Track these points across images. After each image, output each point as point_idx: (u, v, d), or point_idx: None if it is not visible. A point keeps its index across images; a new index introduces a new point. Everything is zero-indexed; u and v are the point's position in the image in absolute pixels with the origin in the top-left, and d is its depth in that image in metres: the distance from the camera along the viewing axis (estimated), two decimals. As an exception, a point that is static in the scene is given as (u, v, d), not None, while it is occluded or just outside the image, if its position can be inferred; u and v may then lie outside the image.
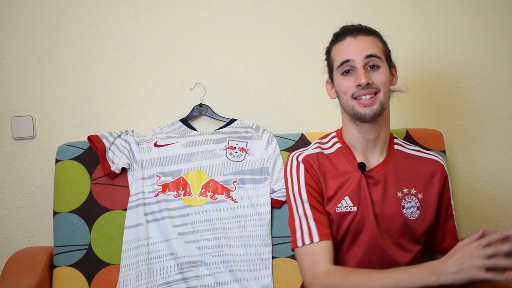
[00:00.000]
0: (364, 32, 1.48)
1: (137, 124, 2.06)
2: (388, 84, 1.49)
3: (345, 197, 1.48)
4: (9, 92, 2.03)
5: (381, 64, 1.47)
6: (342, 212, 1.47)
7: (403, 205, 1.49)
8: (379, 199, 1.48)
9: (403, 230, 1.48)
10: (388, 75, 1.49)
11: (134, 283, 1.76)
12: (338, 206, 1.48)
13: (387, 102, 1.49)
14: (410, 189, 1.50)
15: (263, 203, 1.83)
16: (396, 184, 1.50)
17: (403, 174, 1.52)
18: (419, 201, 1.50)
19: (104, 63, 2.04)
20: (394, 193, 1.49)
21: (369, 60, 1.46)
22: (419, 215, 1.50)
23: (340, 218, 1.47)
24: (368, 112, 1.45)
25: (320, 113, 2.07)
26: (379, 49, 1.47)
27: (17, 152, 2.04)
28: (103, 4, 2.02)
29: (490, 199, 2.10)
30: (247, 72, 2.06)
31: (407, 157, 1.55)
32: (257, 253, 1.80)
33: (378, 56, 1.46)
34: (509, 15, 2.05)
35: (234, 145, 1.90)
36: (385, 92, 1.47)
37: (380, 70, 1.46)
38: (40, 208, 2.05)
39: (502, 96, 2.08)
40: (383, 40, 1.52)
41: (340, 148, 1.55)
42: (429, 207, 1.51)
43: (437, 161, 1.56)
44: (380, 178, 1.50)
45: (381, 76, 1.46)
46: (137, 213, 1.82)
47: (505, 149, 2.09)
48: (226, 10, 2.04)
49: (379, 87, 1.46)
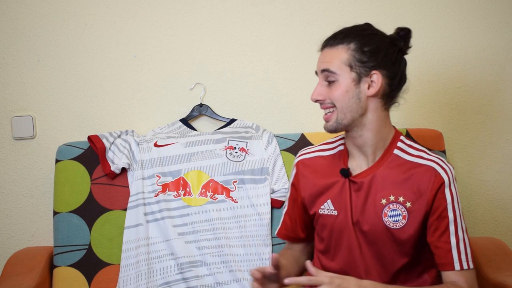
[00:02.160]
0: (330, 44, 1.44)
1: (137, 124, 2.06)
2: (348, 97, 1.42)
3: (328, 200, 1.50)
4: (9, 92, 2.03)
5: (337, 78, 1.41)
6: (324, 214, 1.51)
7: (386, 212, 1.43)
8: (358, 205, 1.46)
9: (385, 239, 1.43)
10: (348, 87, 1.41)
11: (134, 283, 1.76)
12: (321, 208, 1.51)
13: (350, 116, 1.43)
14: (397, 197, 1.43)
15: (263, 203, 1.83)
16: (381, 191, 1.45)
17: (392, 181, 1.45)
18: (406, 210, 1.42)
19: (104, 63, 2.04)
20: (378, 200, 1.45)
21: (325, 74, 1.44)
22: (404, 224, 1.42)
23: (323, 220, 1.51)
24: (325, 128, 1.48)
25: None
26: (337, 63, 1.41)
27: (17, 152, 2.04)
28: (103, 4, 2.02)
29: (490, 199, 2.10)
30: (247, 72, 2.06)
31: (403, 164, 1.46)
32: (257, 253, 1.80)
33: (331, 71, 1.41)
34: (509, 15, 2.05)
35: (234, 145, 1.90)
36: (341, 107, 1.42)
37: (335, 84, 1.42)
38: (40, 208, 2.05)
39: (502, 96, 2.08)
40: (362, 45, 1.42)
41: (341, 151, 1.54)
42: (416, 216, 1.42)
43: (431, 167, 1.43)
44: (364, 184, 1.46)
45: (335, 91, 1.42)
46: (137, 213, 1.82)
47: (505, 149, 2.09)
48: (226, 10, 2.04)
49: (333, 103, 1.43)
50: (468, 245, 1.42)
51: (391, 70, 1.44)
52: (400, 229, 1.43)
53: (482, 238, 1.95)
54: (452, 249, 1.40)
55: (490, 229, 2.11)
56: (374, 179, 1.46)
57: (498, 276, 1.62)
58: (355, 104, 1.43)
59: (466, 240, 1.42)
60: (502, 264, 1.69)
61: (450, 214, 1.41)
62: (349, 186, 1.48)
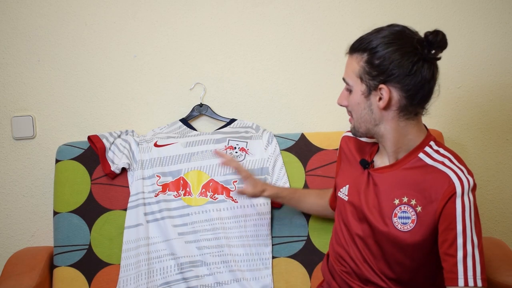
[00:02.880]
0: (350, 52, 1.42)
1: (137, 124, 2.06)
2: (360, 107, 1.41)
3: (347, 185, 1.53)
4: (9, 92, 2.03)
5: (352, 88, 1.41)
6: (339, 197, 1.56)
7: (396, 213, 1.41)
8: (370, 200, 1.45)
9: (390, 239, 1.40)
10: (359, 99, 1.40)
11: (134, 283, 1.76)
12: (340, 190, 1.56)
13: (365, 125, 1.43)
14: (410, 199, 1.39)
15: (263, 203, 1.83)
16: (397, 190, 1.42)
17: (409, 182, 1.41)
18: (416, 214, 1.38)
19: (104, 63, 2.04)
20: (391, 199, 1.42)
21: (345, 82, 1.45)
22: (412, 228, 1.38)
23: (338, 202, 1.57)
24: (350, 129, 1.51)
25: (320, 113, 2.07)
26: (350, 73, 1.41)
27: (17, 152, 2.04)
28: (103, 4, 2.02)
29: (490, 199, 2.10)
30: (247, 72, 2.06)
31: (423, 167, 1.40)
32: (257, 253, 1.80)
33: (346, 81, 1.43)
34: (509, 15, 2.05)
35: (234, 145, 1.90)
36: (356, 117, 1.44)
37: (351, 94, 1.43)
38: (40, 208, 2.05)
39: (502, 96, 2.08)
40: (369, 57, 1.37)
41: (375, 143, 1.54)
42: (425, 222, 1.37)
43: (447, 175, 1.36)
44: (381, 180, 1.45)
45: (351, 100, 1.43)
46: (137, 213, 1.82)
47: (505, 149, 2.09)
48: (226, 10, 2.04)
49: (350, 110, 1.46)
50: (478, 262, 1.33)
51: (405, 83, 1.35)
52: (407, 232, 1.39)
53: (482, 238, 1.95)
54: (457, 263, 1.32)
55: (490, 229, 2.11)
56: (392, 178, 1.44)
57: (498, 276, 1.62)
58: (367, 115, 1.41)
59: (476, 256, 1.33)
60: (502, 264, 1.69)
61: (458, 225, 1.33)
62: (367, 179, 1.48)
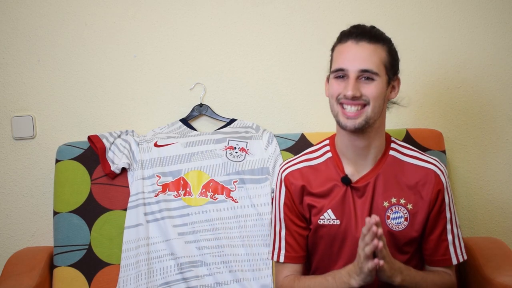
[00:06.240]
0: (368, 39, 1.38)
1: (137, 124, 2.06)
2: (381, 97, 1.40)
3: (328, 210, 1.46)
4: (9, 92, 2.03)
5: (376, 78, 1.38)
6: (325, 224, 1.47)
7: (388, 215, 1.44)
8: (364, 212, 1.44)
9: (387, 240, 1.39)
10: (383, 89, 1.40)
11: (134, 283, 1.76)
12: (321, 218, 1.47)
13: (376, 116, 1.41)
14: (398, 199, 1.44)
15: (264, 203, 1.83)
16: (383, 193, 1.45)
17: (392, 183, 1.45)
18: (408, 212, 1.44)
19: (104, 63, 2.04)
20: (380, 203, 1.44)
21: (363, 73, 1.38)
22: (406, 226, 1.44)
23: (323, 230, 1.47)
24: (349, 124, 1.39)
25: (320, 113, 2.06)
26: (378, 62, 1.38)
27: (17, 152, 2.04)
28: (103, 4, 2.02)
29: (490, 199, 2.10)
30: (247, 72, 2.06)
31: (400, 165, 1.47)
32: (257, 253, 1.80)
33: (374, 72, 1.37)
34: (509, 15, 2.05)
35: (234, 145, 1.90)
36: (374, 107, 1.38)
37: (373, 83, 1.38)
38: (40, 208, 2.05)
39: (502, 96, 2.08)
40: (390, 49, 1.42)
41: (330, 158, 1.50)
42: (417, 218, 1.44)
43: (431, 170, 1.45)
44: (367, 188, 1.45)
45: (373, 88, 1.38)
46: (137, 213, 1.82)
47: (505, 149, 2.09)
48: (226, 10, 2.04)
49: (368, 100, 1.38)
50: (461, 239, 1.49)
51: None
52: (402, 231, 1.44)
53: (482, 238, 1.96)
54: (449, 246, 1.47)
55: (490, 229, 2.11)
56: (376, 182, 1.45)
57: (498, 276, 1.62)
58: (382, 106, 1.43)
59: (460, 235, 1.49)
60: (502, 264, 1.69)
61: (447, 214, 1.47)
62: (352, 194, 1.45)
